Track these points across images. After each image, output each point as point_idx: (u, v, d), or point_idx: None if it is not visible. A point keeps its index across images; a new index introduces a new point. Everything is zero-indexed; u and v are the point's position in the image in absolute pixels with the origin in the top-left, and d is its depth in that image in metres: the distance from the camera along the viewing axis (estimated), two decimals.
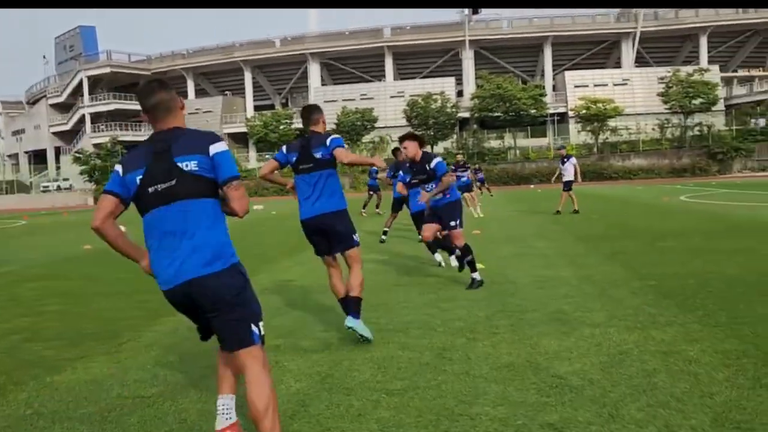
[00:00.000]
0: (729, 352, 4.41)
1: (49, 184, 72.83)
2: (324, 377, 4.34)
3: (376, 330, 5.53)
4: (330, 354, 4.91)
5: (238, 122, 73.13)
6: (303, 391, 4.07)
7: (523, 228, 14.96)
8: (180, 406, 3.90)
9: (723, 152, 54.67)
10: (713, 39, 72.59)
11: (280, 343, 5.28)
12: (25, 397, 4.24)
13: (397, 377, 4.25)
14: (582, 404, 3.61)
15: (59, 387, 4.41)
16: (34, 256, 13.77)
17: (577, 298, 6.55)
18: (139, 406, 3.94)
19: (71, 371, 4.77)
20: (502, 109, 59.49)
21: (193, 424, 3.64)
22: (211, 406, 3.85)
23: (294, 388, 4.14)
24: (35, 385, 4.47)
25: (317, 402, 3.86)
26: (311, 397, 3.96)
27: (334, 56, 76.22)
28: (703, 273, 7.64)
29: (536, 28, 73.10)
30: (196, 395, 4.09)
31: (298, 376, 4.38)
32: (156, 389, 4.25)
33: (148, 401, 4.02)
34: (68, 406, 4.01)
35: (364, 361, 4.64)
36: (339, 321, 5.82)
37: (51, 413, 3.91)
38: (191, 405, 3.93)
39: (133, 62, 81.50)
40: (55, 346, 5.56)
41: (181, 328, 5.96)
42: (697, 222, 14.20)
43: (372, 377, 4.27)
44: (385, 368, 4.46)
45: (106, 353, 5.25)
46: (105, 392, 4.25)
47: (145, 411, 3.85)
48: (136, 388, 4.30)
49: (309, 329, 5.76)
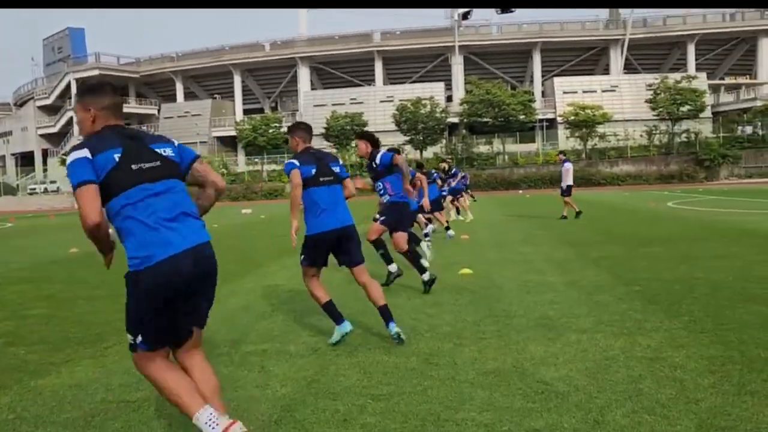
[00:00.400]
0: (714, 358, 4.44)
1: (36, 187, 72.36)
2: (310, 382, 4.32)
3: (362, 335, 5.53)
4: (316, 359, 4.89)
5: (227, 126, 72.98)
6: (289, 396, 4.05)
7: (511, 233, 15.00)
8: (166, 411, 3.87)
9: (710, 159, 54.98)
10: (701, 46, 73.20)
11: (267, 348, 5.26)
12: (7, 401, 4.19)
13: (383, 382, 4.24)
14: (567, 410, 3.61)
15: (43, 391, 4.37)
16: (20, 258, 13.66)
17: (563, 303, 6.57)
18: (124, 411, 3.91)
19: (55, 375, 4.72)
20: (491, 114, 59.59)
21: (178, 429, 3.61)
22: None
23: (280, 393, 4.12)
24: (18, 390, 4.42)
25: (303, 407, 3.84)
26: (297, 402, 3.94)
27: (324, 60, 76.26)
28: (689, 279, 7.68)
29: (525, 34, 73.45)
30: None
31: (284, 381, 4.36)
32: (141, 394, 4.22)
33: (133, 406, 4.00)
34: (52, 411, 3.98)
35: (351, 366, 4.63)
36: (326, 326, 5.81)
37: (34, 417, 3.88)
38: (176, 410, 3.89)
39: (122, 65, 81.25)
40: (38, 350, 5.51)
41: None
42: (683, 228, 14.29)
43: (358, 382, 4.26)
44: (371, 373, 4.45)
45: (90, 357, 5.21)
46: (89, 396, 4.21)
47: (130, 416, 3.83)
48: (121, 393, 4.26)
49: (296, 334, 5.74)
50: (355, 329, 5.67)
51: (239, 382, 4.39)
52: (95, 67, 77.54)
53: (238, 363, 4.85)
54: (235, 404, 3.93)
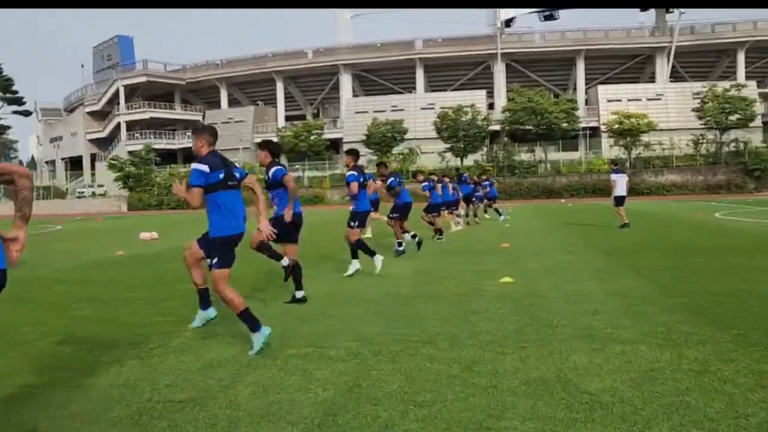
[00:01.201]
0: (765, 373, 4.33)
1: (84, 190, 74.10)
2: (351, 387, 4.34)
3: (403, 341, 5.53)
4: (358, 364, 4.91)
5: (269, 132, 73.81)
6: (330, 400, 4.08)
7: (552, 242, 14.84)
8: (210, 412, 3.93)
9: (760, 169, 53.66)
10: (751, 54, 71.51)
11: (308, 352, 5.30)
12: (58, 397, 4.30)
13: (424, 389, 4.24)
14: (612, 421, 3.56)
15: (92, 389, 4.48)
16: (68, 260, 14.00)
17: (606, 313, 6.48)
18: (170, 411, 3.98)
19: (104, 374, 4.83)
20: (534, 122, 59.06)
21: (222, 430, 3.66)
22: (240, 413, 3.89)
23: (321, 397, 4.15)
24: (69, 387, 4.53)
25: (344, 412, 3.86)
26: (338, 406, 3.97)
27: (366, 68, 76.63)
28: (737, 291, 7.50)
29: (569, 42, 72.72)
30: (226, 401, 4.12)
31: (326, 385, 4.39)
32: (186, 394, 4.29)
33: (178, 406, 4.06)
34: (101, 409, 4.07)
35: (392, 373, 4.64)
36: (367, 331, 5.84)
37: (84, 415, 3.97)
38: (221, 411, 3.96)
39: (169, 72, 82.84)
40: (86, 350, 5.64)
41: (208, 335, 6.04)
42: (731, 239, 13.96)
43: (400, 388, 4.27)
44: (413, 380, 4.45)
45: (136, 357, 5.31)
46: (136, 396, 4.30)
47: (176, 416, 3.89)
48: (166, 393, 4.34)
49: (336, 339, 5.76)
50: (395, 335, 5.70)
51: (281, 385, 4.43)
52: (143, 74, 79.33)
53: (279, 366, 4.90)
54: (277, 407, 3.98)
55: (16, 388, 4.57)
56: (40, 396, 4.37)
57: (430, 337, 5.69)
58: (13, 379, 4.76)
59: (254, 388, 4.39)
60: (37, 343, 5.99)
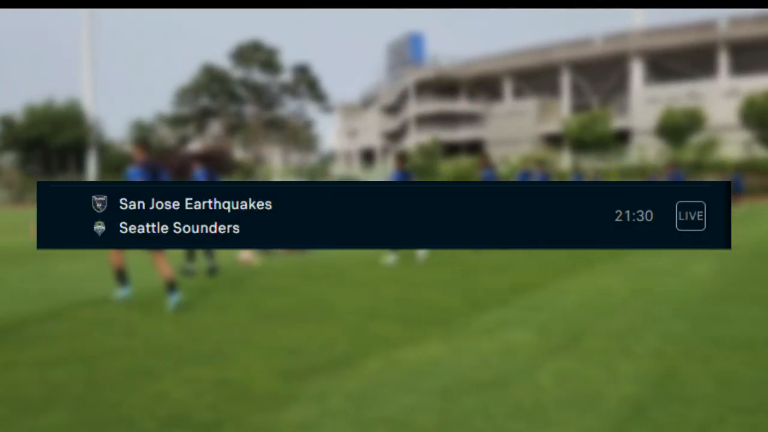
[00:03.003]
0: None
1: None
2: (658, 385, 4.18)
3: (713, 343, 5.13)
4: (663, 362, 4.70)
5: (552, 123, 72.72)
6: (638, 396, 3.97)
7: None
8: (515, 394, 4.03)
9: None
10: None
11: (610, 346, 5.18)
12: (374, 367, 4.73)
13: (744, 395, 3.93)
14: None
15: (402, 362, 4.85)
16: None
17: None
18: (474, 390, 4.15)
19: (411, 349, 5.20)
20: None
21: (530, 411, 3.74)
22: (545, 397, 3.94)
23: (627, 392, 4.04)
24: (380, 359, 4.95)
25: (654, 409, 3.74)
26: (647, 402, 3.85)
27: (659, 53, 71.71)
28: None
29: None
30: (529, 385, 4.19)
31: (631, 380, 4.26)
32: (489, 374, 4.45)
33: (482, 386, 4.23)
34: (411, 380, 4.39)
35: (705, 375, 4.36)
36: (671, 330, 5.56)
37: (396, 384, 4.31)
38: (525, 394, 4.04)
39: (455, 66, 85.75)
40: (395, 326, 6.10)
41: (510, 319, 6.19)
42: None
43: (715, 392, 4.00)
44: (730, 385, 4.13)
45: (439, 336, 5.63)
46: (443, 372, 4.56)
47: (480, 395, 4.05)
48: (470, 372, 4.54)
49: (638, 334, 5.55)
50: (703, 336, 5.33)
51: (583, 376, 4.40)
52: (432, 69, 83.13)
53: (579, 358, 4.85)
54: (580, 396, 3.95)
55: (339, 354, 5.11)
56: (356, 365, 4.79)
57: (746, 342, 5.21)
58: (334, 348, 5.31)
59: (555, 375, 4.41)
60: (350, 316, 6.64)
